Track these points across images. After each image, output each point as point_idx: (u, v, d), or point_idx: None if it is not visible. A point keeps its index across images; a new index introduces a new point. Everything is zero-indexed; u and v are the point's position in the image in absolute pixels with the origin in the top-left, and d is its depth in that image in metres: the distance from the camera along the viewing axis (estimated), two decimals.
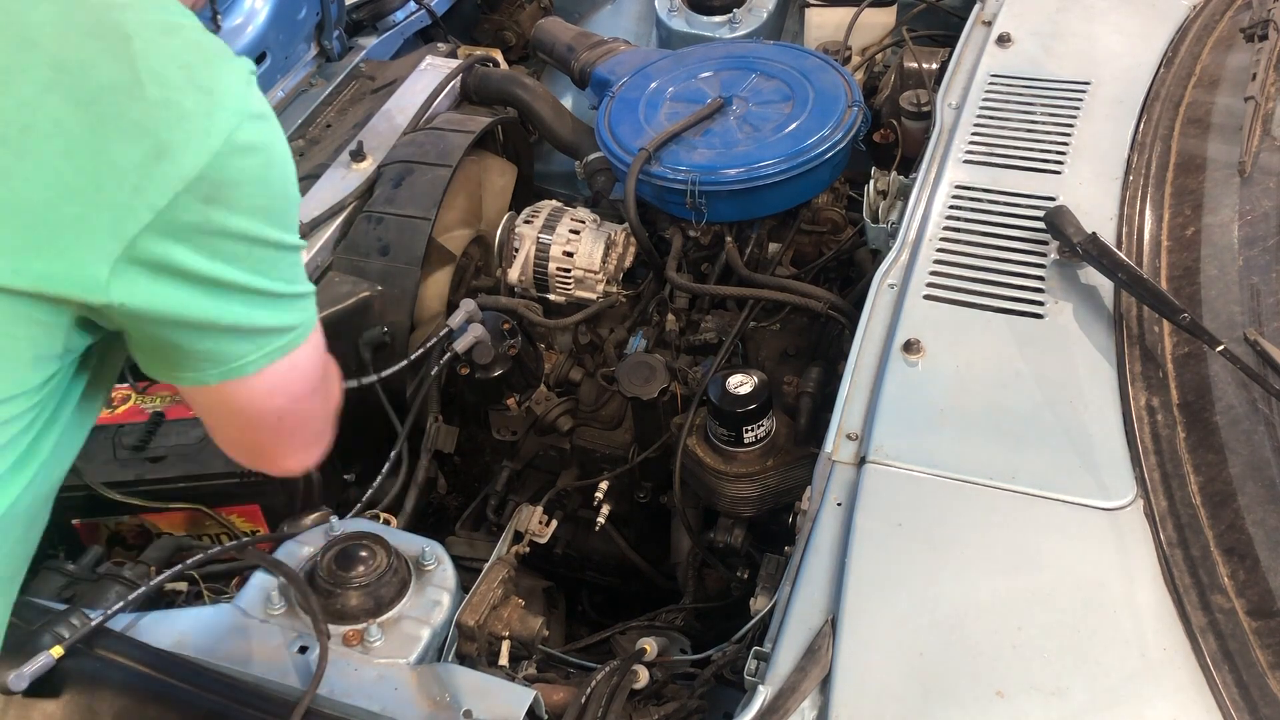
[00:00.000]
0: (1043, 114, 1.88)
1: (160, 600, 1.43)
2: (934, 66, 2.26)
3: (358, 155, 2.20)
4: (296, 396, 1.16)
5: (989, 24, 2.12)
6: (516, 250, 2.18)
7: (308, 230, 2.02)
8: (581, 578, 2.21)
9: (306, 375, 1.15)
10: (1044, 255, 1.61)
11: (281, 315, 1.08)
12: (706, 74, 2.24)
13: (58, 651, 1.19)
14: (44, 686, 1.18)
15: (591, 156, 2.33)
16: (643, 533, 2.09)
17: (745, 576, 1.80)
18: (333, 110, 2.48)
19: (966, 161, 1.81)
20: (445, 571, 1.40)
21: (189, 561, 1.39)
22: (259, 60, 2.43)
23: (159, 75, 0.92)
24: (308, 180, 2.21)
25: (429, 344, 1.93)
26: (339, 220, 2.09)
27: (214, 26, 1.17)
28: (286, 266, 1.07)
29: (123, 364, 1.73)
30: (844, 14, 2.51)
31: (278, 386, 1.12)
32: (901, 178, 1.97)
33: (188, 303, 0.98)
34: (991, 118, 1.89)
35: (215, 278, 0.99)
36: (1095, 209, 1.66)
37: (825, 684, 1.16)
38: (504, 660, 1.41)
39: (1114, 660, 1.14)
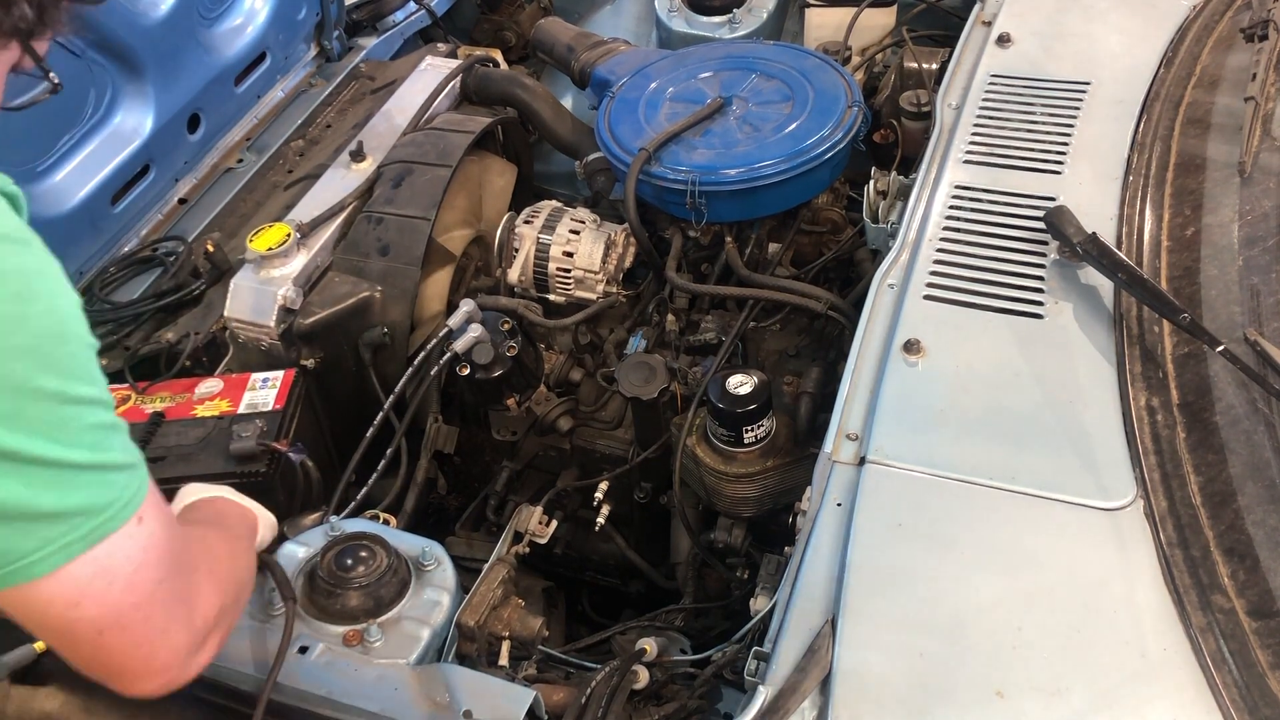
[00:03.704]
0: (1043, 114, 1.88)
1: None
2: (934, 66, 2.26)
3: (358, 155, 2.20)
4: (117, 605, 0.88)
5: (989, 24, 2.12)
6: (516, 250, 2.18)
7: (308, 230, 2.02)
8: (581, 578, 2.21)
9: (130, 574, 0.88)
10: (1044, 255, 1.61)
11: (75, 494, 0.84)
12: (706, 74, 2.24)
13: (40, 646, 1.21)
14: (33, 677, 1.19)
15: (591, 156, 2.33)
16: (643, 533, 2.09)
17: (745, 576, 1.80)
18: (333, 110, 2.48)
19: (966, 161, 1.81)
20: (445, 572, 1.40)
21: None
22: (259, 60, 2.43)
23: None
24: (308, 180, 2.21)
25: (429, 344, 1.92)
26: (339, 220, 2.09)
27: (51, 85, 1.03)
28: (80, 428, 0.84)
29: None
30: (844, 14, 2.51)
31: (84, 592, 0.86)
32: (901, 178, 1.97)
33: None
34: (991, 118, 1.89)
35: None
36: (1095, 209, 1.66)
37: (825, 684, 1.16)
38: (504, 660, 1.41)
39: (1114, 660, 1.14)
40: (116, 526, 0.87)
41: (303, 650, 1.28)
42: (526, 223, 2.20)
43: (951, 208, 1.72)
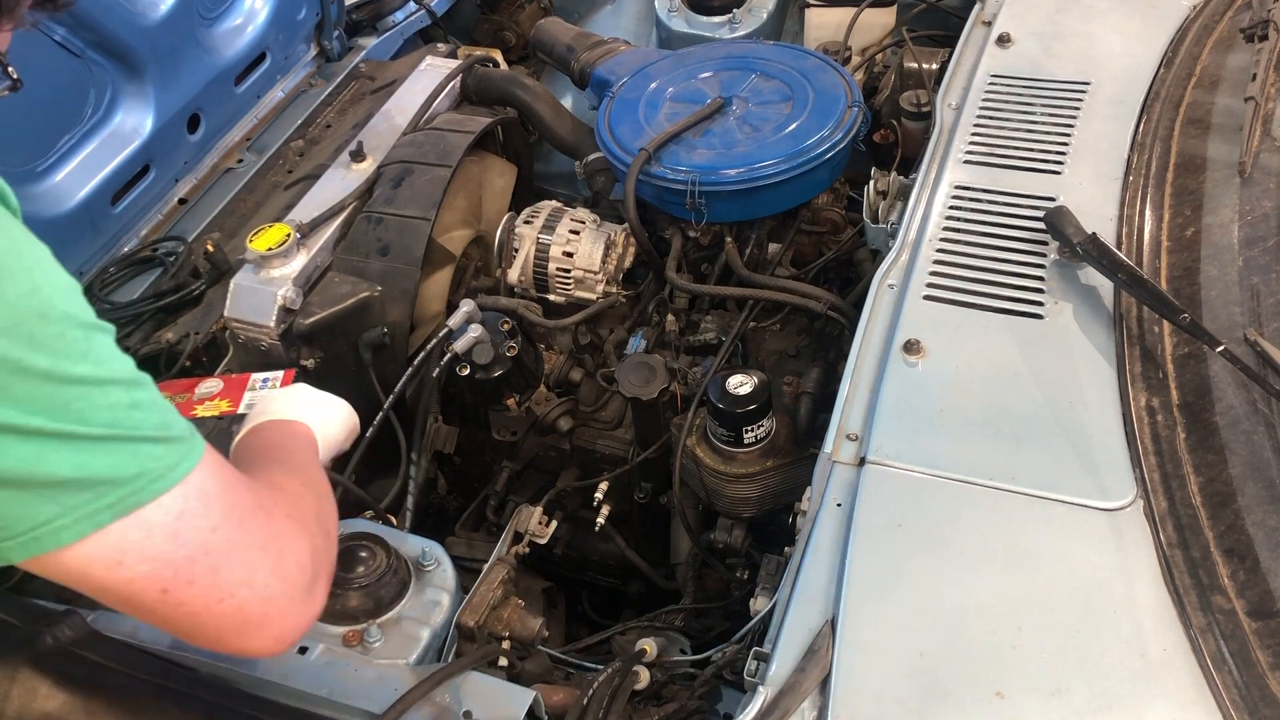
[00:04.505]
0: (1043, 114, 1.88)
1: None
2: (934, 66, 2.26)
3: (358, 155, 2.20)
4: (169, 559, 0.88)
5: (989, 24, 2.12)
6: (516, 250, 2.18)
7: (308, 230, 2.02)
8: (581, 578, 2.21)
9: (184, 533, 0.89)
10: (1044, 255, 1.61)
11: (95, 462, 0.84)
12: (706, 74, 2.24)
13: None
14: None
15: (591, 156, 2.33)
16: (643, 533, 2.09)
17: (745, 577, 1.80)
18: (333, 110, 2.48)
19: (966, 162, 1.81)
20: (445, 572, 1.40)
21: None
22: (259, 60, 2.43)
23: None
24: (308, 180, 2.21)
25: (429, 345, 1.92)
26: (339, 220, 2.09)
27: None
28: (88, 407, 0.84)
29: None
30: (844, 14, 2.51)
31: (126, 553, 0.87)
32: (901, 178, 1.97)
33: None
34: (991, 118, 1.89)
35: None
36: (1095, 209, 1.66)
37: (825, 684, 1.16)
38: (504, 661, 1.41)
39: (1114, 661, 1.14)
40: (149, 498, 0.86)
41: (302, 651, 1.27)
42: (526, 223, 2.20)
43: (951, 208, 1.72)
